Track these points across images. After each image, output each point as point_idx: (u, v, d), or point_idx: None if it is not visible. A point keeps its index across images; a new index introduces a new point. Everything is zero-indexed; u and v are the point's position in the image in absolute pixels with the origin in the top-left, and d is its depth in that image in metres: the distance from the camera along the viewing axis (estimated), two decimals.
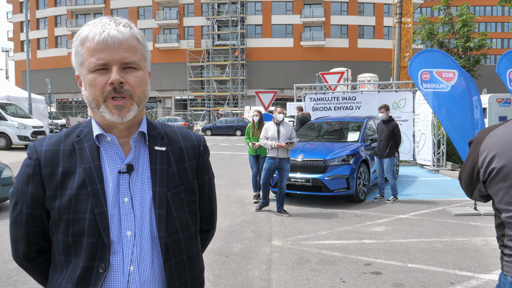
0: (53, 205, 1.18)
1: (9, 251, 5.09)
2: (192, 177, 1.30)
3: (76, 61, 1.20)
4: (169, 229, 1.21)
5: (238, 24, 46.99)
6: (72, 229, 1.16)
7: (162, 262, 1.20)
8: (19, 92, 21.40)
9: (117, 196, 1.18)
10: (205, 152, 1.37)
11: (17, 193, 1.24)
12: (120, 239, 1.16)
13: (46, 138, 1.25)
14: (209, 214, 1.47)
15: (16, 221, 1.26)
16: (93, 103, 1.17)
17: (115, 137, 1.21)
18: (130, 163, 1.20)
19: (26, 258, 1.29)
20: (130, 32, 1.17)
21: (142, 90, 1.20)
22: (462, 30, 21.41)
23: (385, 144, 7.96)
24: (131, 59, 1.15)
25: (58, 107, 49.09)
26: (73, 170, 1.19)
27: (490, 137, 1.56)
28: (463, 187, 1.75)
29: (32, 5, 51.11)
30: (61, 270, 1.21)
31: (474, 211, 7.00)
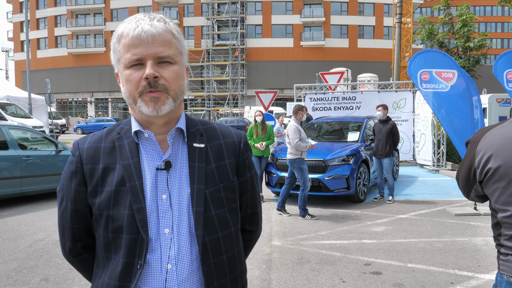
0: (94, 201, 1.20)
1: (9, 251, 5.10)
2: (232, 175, 1.28)
3: (114, 59, 1.23)
4: (207, 228, 1.19)
5: (238, 24, 46.98)
6: (111, 225, 1.17)
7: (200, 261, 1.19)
8: (19, 92, 21.38)
9: (155, 193, 1.18)
10: (246, 150, 1.34)
11: (63, 189, 1.27)
12: (158, 237, 1.16)
13: (90, 136, 1.28)
14: (252, 214, 1.43)
15: (62, 217, 1.29)
16: (130, 99, 1.18)
17: (153, 133, 1.21)
18: (168, 159, 1.20)
19: (73, 254, 1.32)
20: (164, 27, 1.17)
21: (178, 84, 1.19)
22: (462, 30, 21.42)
23: (384, 143, 7.96)
24: (165, 53, 1.15)
25: (58, 107, 49.09)
26: (113, 167, 1.20)
27: (486, 138, 1.56)
28: (460, 187, 1.76)
29: (32, 5, 51.10)
30: (103, 266, 1.22)
31: (474, 211, 7.00)
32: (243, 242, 1.40)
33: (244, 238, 1.41)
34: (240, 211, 1.35)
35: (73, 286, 4.13)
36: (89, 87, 49.99)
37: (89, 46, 50.22)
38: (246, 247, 1.45)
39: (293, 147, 6.75)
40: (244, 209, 1.38)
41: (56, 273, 4.45)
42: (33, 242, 5.50)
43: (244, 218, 1.39)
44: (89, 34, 50.69)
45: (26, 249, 5.20)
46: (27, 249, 5.22)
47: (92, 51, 49.74)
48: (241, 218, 1.36)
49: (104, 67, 49.18)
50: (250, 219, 1.43)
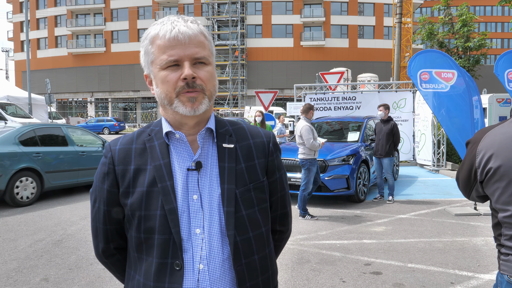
0: (126, 202, 1.22)
1: (9, 251, 5.10)
2: (262, 175, 1.28)
3: (145, 60, 1.22)
4: (238, 228, 1.20)
5: (238, 24, 46.98)
6: (143, 225, 1.19)
7: (232, 261, 1.19)
8: (19, 92, 21.37)
9: (186, 193, 1.19)
10: (275, 150, 1.34)
11: (95, 191, 1.29)
12: (190, 237, 1.17)
13: (121, 138, 1.30)
14: (282, 214, 1.42)
15: (95, 218, 1.30)
16: (166, 100, 1.18)
17: (184, 134, 1.22)
18: (198, 160, 1.21)
19: (106, 255, 1.33)
20: (198, 28, 1.19)
21: (212, 84, 1.21)
22: (462, 30, 21.41)
23: (384, 143, 7.95)
24: (201, 54, 1.17)
25: (58, 107, 49.09)
26: (144, 168, 1.22)
27: (487, 137, 1.57)
28: (461, 188, 1.76)
29: (32, 5, 51.09)
30: (135, 267, 1.23)
31: (474, 211, 7.00)
32: (274, 243, 1.40)
33: (274, 238, 1.41)
34: (270, 211, 1.35)
35: (73, 286, 4.13)
36: (89, 87, 49.99)
37: (89, 46, 50.22)
38: (276, 247, 1.45)
39: (309, 147, 6.71)
40: (274, 209, 1.38)
41: (56, 273, 4.45)
42: (33, 242, 5.50)
43: (274, 218, 1.39)
44: (89, 34, 50.68)
45: (26, 249, 5.20)
46: (27, 249, 5.22)
47: (92, 51, 49.74)
48: (271, 218, 1.36)
49: (104, 67, 49.18)
50: (280, 220, 1.43)
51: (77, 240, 5.59)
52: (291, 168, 7.87)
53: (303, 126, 6.80)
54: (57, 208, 7.39)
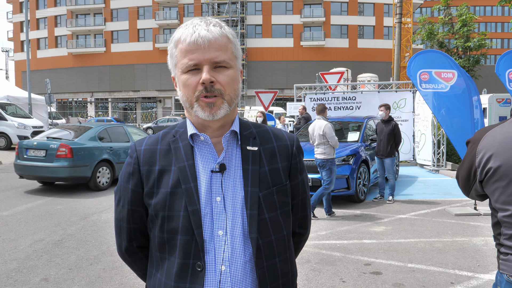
0: (150, 202, 1.23)
1: (9, 251, 5.10)
2: (285, 178, 1.29)
3: (171, 63, 1.25)
4: (261, 230, 1.20)
5: (238, 24, 46.98)
6: (167, 226, 1.20)
7: (254, 264, 1.19)
8: (19, 92, 21.39)
9: (210, 195, 1.20)
10: (298, 153, 1.35)
11: (120, 190, 1.31)
12: (212, 238, 1.18)
13: (146, 139, 1.31)
14: (302, 216, 1.43)
15: (119, 217, 1.33)
16: (187, 103, 1.20)
17: (208, 136, 1.23)
18: (222, 162, 1.22)
19: (129, 253, 1.35)
20: (220, 31, 1.19)
21: (233, 88, 1.21)
22: (462, 30, 21.41)
23: (385, 143, 7.96)
24: (221, 58, 1.17)
25: (58, 107, 49.08)
26: (169, 169, 1.23)
27: (487, 137, 1.57)
28: (460, 186, 1.77)
29: (32, 5, 51.09)
30: (157, 266, 1.25)
31: (474, 211, 7.00)
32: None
33: (293, 241, 1.42)
34: (291, 214, 1.36)
35: (73, 286, 4.13)
36: (89, 87, 49.98)
37: (89, 46, 50.22)
38: (295, 249, 1.45)
39: (333, 145, 6.74)
40: (295, 212, 1.38)
41: (56, 273, 4.45)
42: (33, 242, 5.50)
43: (294, 221, 1.39)
44: (89, 34, 50.68)
45: (26, 249, 5.20)
46: (27, 249, 5.22)
47: (92, 51, 49.74)
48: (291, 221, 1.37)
49: (104, 67, 49.18)
50: (300, 222, 1.43)
51: (77, 240, 5.59)
52: None
53: (325, 124, 6.80)
54: (57, 208, 7.39)
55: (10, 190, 9.09)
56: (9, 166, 12.96)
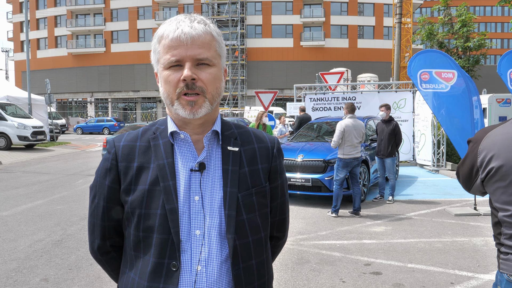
0: (127, 199, 1.21)
1: (9, 251, 5.10)
2: (264, 180, 1.28)
3: (154, 59, 1.23)
4: (238, 231, 1.19)
5: (238, 24, 46.98)
6: (143, 224, 1.18)
7: (230, 265, 1.18)
8: (19, 92, 21.39)
9: (188, 194, 1.18)
10: (278, 155, 1.34)
11: (96, 186, 1.28)
12: (189, 238, 1.16)
13: (125, 135, 1.29)
14: (280, 220, 1.42)
15: (93, 214, 1.30)
16: (168, 100, 1.19)
17: (189, 134, 1.22)
18: (202, 161, 1.21)
19: (101, 252, 1.32)
20: (204, 28, 1.17)
21: (215, 87, 1.19)
22: (462, 30, 21.42)
23: (386, 143, 7.96)
24: (204, 56, 1.16)
25: (58, 107, 49.06)
26: (147, 166, 1.21)
27: (488, 137, 1.58)
28: (461, 183, 1.79)
29: (32, 5, 51.08)
30: (131, 265, 1.23)
31: (474, 211, 7.00)
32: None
33: (270, 244, 1.40)
34: (269, 216, 1.35)
35: (73, 286, 4.13)
36: (89, 87, 49.98)
37: (89, 46, 50.21)
38: (272, 253, 1.44)
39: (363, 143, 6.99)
40: (273, 215, 1.37)
41: (56, 273, 4.45)
42: (33, 242, 5.50)
43: (272, 224, 1.38)
44: (89, 34, 50.68)
45: (26, 249, 5.20)
46: (27, 249, 5.22)
47: (92, 51, 49.74)
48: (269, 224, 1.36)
49: (104, 67, 49.17)
50: (278, 226, 1.42)
51: (77, 240, 5.58)
52: (291, 168, 7.87)
53: (362, 124, 7.06)
54: (56, 208, 7.39)
55: (10, 190, 9.09)
56: (9, 166, 12.97)
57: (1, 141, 16.64)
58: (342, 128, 6.91)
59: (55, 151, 17.55)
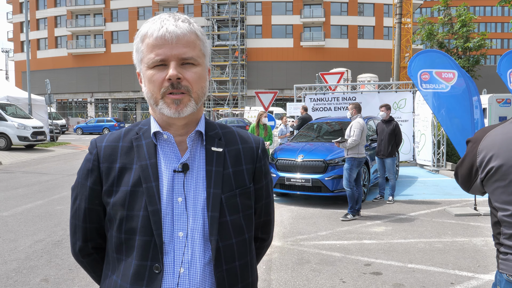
0: (109, 201, 1.19)
1: (9, 252, 5.10)
2: (249, 181, 1.26)
3: (136, 58, 1.21)
4: (221, 233, 1.18)
5: (238, 25, 47.00)
6: (125, 225, 1.16)
7: (213, 267, 1.17)
8: (19, 92, 21.39)
9: (171, 195, 1.17)
10: (263, 156, 1.32)
11: (77, 187, 1.26)
12: (172, 240, 1.15)
13: (108, 135, 1.27)
14: (265, 221, 1.40)
15: (75, 215, 1.27)
16: (152, 100, 1.16)
17: (172, 135, 1.20)
18: (185, 162, 1.19)
19: (82, 254, 1.30)
20: (188, 27, 1.16)
21: (200, 86, 1.18)
22: (462, 31, 21.42)
23: (386, 144, 7.96)
24: (189, 55, 1.14)
25: (58, 108, 49.08)
26: (130, 167, 1.19)
27: (488, 137, 1.58)
28: (460, 183, 1.79)
29: (32, 5, 51.10)
30: (113, 268, 1.21)
31: (474, 211, 7.00)
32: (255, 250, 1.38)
33: (255, 246, 1.39)
34: (254, 218, 1.33)
35: (73, 286, 4.13)
36: (89, 87, 49.99)
37: (89, 46, 50.23)
38: (257, 255, 1.43)
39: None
40: (258, 216, 1.36)
41: (56, 273, 4.45)
42: (33, 242, 5.50)
43: (257, 225, 1.37)
44: (89, 35, 50.69)
45: (26, 250, 5.20)
46: (27, 249, 5.22)
47: (92, 52, 49.75)
48: (254, 225, 1.34)
49: (104, 68, 49.17)
50: (263, 227, 1.41)
51: None
52: (291, 169, 7.88)
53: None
54: (56, 209, 7.39)
55: (10, 190, 9.09)
56: (9, 167, 12.97)
57: (1, 141, 16.64)
58: (362, 127, 6.89)
59: (55, 152, 17.55)
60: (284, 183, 7.90)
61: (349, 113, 7.28)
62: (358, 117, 7.09)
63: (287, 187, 7.94)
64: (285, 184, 7.91)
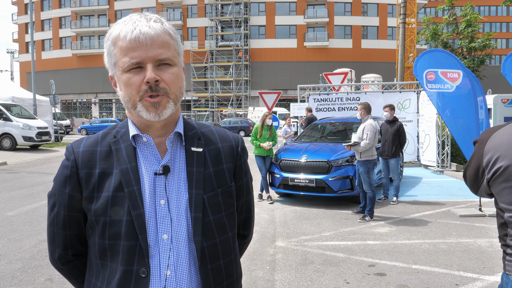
0: (90, 207, 1.17)
1: (14, 251, 5.12)
2: (230, 180, 1.26)
3: (109, 62, 1.17)
4: (205, 233, 1.18)
5: (242, 25, 47.03)
6: (108, 231, 1.14)
7: (198, 267, 1.17)
8: (24, 93, 21.50)
9: (154, 199, 1.16)
10: (243, 154, 1.32)
11: (55, 194, 1.23)
12: (157, 243, 1.14)
13: (84, 139, 1.24)
14: (246, 218, 1.41)
15: (53, 223, 1.24)
16: (129, 104, 1.14)
17: (151, 137, 1.19)
18: (166, 164, 1.18)
19: (62, 261, 1.28)
20: (161, 28, 1.14)
21: (178, 86, 1.17)
22: (466, 31, 21.33)
23: (390, 144, 7.94)
24: (165, 56, 1.12)
25: (63, 108, 49.29)
26: (110, 172, 1.17)
27: (494, 137, 1.57)
28: (468, 185, 1.78)
29: (37, 6, 51.36)
30: (97, 274, 1.19)
31: (479, 212, 6.96)
32: None
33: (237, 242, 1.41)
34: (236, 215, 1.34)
35: None
36: (94, 88, 50.18)
37: (93, 47, 50.41)
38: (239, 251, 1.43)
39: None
40: (239, 213, 1.36)
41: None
42: (38, 242, 5.52)
43: (238, 222, 1.37)
44: (93, 35, 50.89)
45: (31, 249, 5.22)
46: (32, 249, 5.24)
47: (96, 52, 49.93)
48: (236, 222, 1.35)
49: None
50: (244, 224, 1.42)
51: None
52: (295, 169, 7.86)
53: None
54: None
55: (15, 190, 9.14)
56: (14, 167, 13.04)
57: (7, 141, 16.73)
58: (375, 129, 6.82)
59: (60, 152, 17.62)
60: (287, 184, 7.90)
61: (359, 114, 7.18)
62: (369, 118, 7.01)
63: (290, 187, 7.93)
64: (288, 185, 7.90)
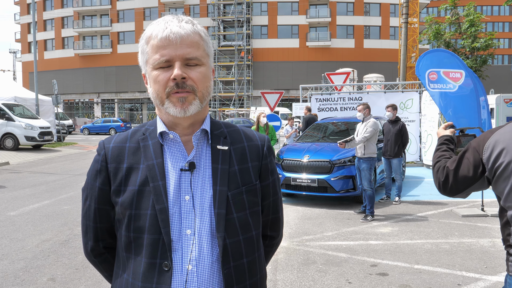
0: (117, 200, 1.21)
1: (17, 251, 5.13)
2: (255, 178, 1.28)
3: (142, 60, 1.23)
4: (228, 230, 1.19)
5: (244, 25, 47.03)
6: (133, 224, 1.18)
7: (220, 264, 1.18)
8: (27, 93, 21.55)
9: (178, 194, 1.19)
10: (269, 153, 1.34)
11: (87, 188, 1.28)
12: (180, 237, 1.17)
13: (115, 136, 1.30)
14: (274, 219, 1.41)
15: (86, 216, 1.30)
16: (157, 100, 1.19)
17: (178, 135, 1.22)
18: (192, 161, 1.21)
19: (94, 254, 1.32)
20: (192, 28, 1.18)
21: (205, 86, 1.20)
22: (469, 30, 21.28)
23: (392, 144, 7.93)
24: (193, 55, 1.16)
25: (65, 108, 49.40)
26: (137, 167, 1.21)
27: (496, 135, 1.57)
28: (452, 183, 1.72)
29: (39, 6, 51.48)
30: (123, 267, 1.23)
31: (481, 212, 6.94)
32: (264, 248, 1.39)
33: (264, 244, 1.40)
34: (262, 215, 1.34)
35: (80, 286, 4.15)
36: (96, 88, 50.27)
37: (96, 47, 50.51)
38: (267, 253, 1.43)
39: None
40: (266, 213, 1.37)
41: (63, 273, 4.47)
42: (40, 242, 5.54)
43: (265, 223, 1.38)
44: (95, 35, 50.98)
45: (33, 249, 5.23)
46: (34, 249, 5.25)
47: (98, 52, 50.03)
48: (262, 223, 1.35)
49: (111, 68, 49.42)
50: (271, 225, 1.42)
51: None
52: (297, 169, 7.86)
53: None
54: (63, 208, 7.43)
55: (18, 190, 9.16)
56: (17, 167, 13.07)
57: (9, 141, 16.77)
58: (378, 127, 6.86)
59: (62, 152, 17.66)
60: (290, 184, 7.90)
61: (360, 114, 7.13)
62: (371, 117, 7.04)
63: (293, 187, 7.93)
64: (291, 185, 7.90)
